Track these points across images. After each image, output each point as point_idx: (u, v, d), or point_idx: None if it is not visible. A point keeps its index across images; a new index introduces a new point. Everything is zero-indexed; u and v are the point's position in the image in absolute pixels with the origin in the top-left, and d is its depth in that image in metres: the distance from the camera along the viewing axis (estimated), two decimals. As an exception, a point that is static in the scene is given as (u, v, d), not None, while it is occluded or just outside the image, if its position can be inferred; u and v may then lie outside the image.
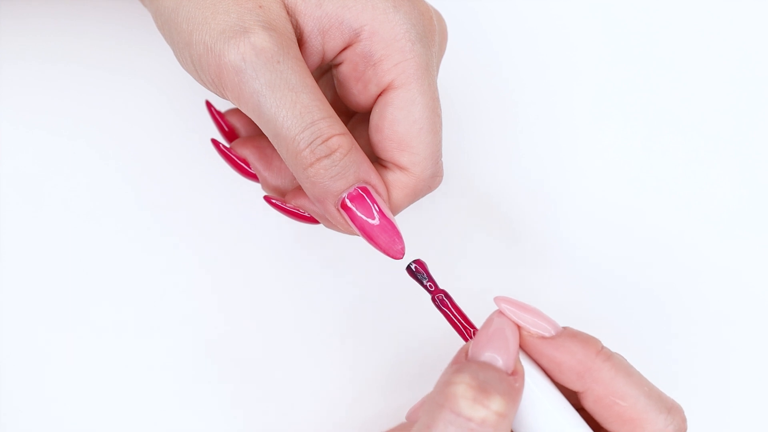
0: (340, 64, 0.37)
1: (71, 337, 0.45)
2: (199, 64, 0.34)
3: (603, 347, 0.34)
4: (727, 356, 0.48)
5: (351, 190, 0.35)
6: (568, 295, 0.47)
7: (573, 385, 0.34)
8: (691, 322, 0.48)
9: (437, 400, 0.31)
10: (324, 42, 0.35)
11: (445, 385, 0.31)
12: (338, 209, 0.35)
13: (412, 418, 0.36)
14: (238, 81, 0.33)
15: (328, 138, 0.34)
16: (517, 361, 0.33)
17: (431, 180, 0.37)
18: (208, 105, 0.42)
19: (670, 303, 0.48)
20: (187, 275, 0.46)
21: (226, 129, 0.42)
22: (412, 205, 0.39)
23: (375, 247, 0.36)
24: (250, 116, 0.34)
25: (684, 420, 0.34)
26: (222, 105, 0.43)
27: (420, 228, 0.38)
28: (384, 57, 0.35)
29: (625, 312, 0.48)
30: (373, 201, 0.35)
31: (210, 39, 0.34)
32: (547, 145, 0.47)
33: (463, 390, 0.31)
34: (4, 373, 0.45)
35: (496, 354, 0.32)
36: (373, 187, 0.35)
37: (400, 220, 0.38)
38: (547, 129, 0.47)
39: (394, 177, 0.37)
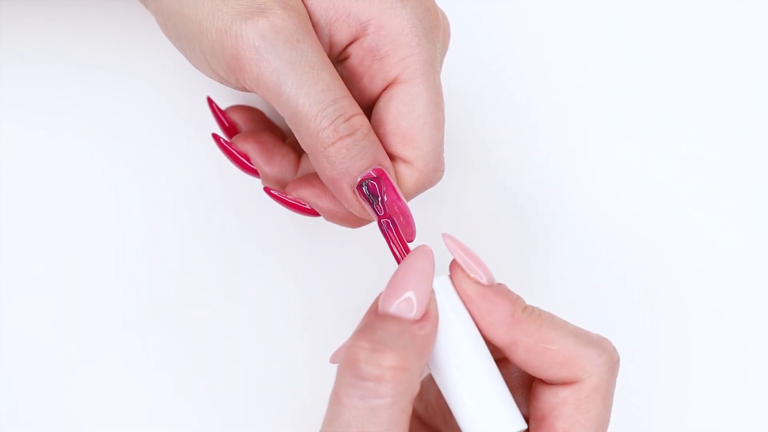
0: (346, 58, 0.37)
1: (71, 336, 0.45)
2: (211, 51, 0.34)
3: (528, 305, 0.34)
4: (730, 355, 0.48)
5: (368, 171, 0.35)
6: (569, 291, 0.48)
7: (501, 338, 0.34)
8: (699, 322, 0.48)
9: (341, 365, 0.32)
10: (331, 34, 0.36)
11: (345, 349, 0.32)
12: (354, 191, 0.35)
13: (334, 360, 0.37)
14: (258, 60, 0.33)
15: (351, 117, 0.34)
16: (430, 302, 0.33)
17: (433, 174, 0.37)
18: (210, 101, 0.42)
19: (677, 301, 0.48)
20: (188, 274, 0.46)
21: (227, 125, 0.42)
22: (412, 202, 0.39)
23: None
24: (267, 97, 0.34)
25: (614, 349, 0.35)
26: (223, 102, 0.43)
27: (421, 224, 0.38)
28: (390, 51, 0.36)
29: (628, 307, 0.48)
30: (389, 183, 0.35)
31: (224, 23, 0.33)
32: (550, 143, 0.48)
33: (358, 353, 0.31)
34: (3, 372, 0.45)
35: (403, 305, 0.33)
36: (387, 169, 0.36)
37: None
38: (549, 127, 0.48)
39: (396, 170, 0.37)
